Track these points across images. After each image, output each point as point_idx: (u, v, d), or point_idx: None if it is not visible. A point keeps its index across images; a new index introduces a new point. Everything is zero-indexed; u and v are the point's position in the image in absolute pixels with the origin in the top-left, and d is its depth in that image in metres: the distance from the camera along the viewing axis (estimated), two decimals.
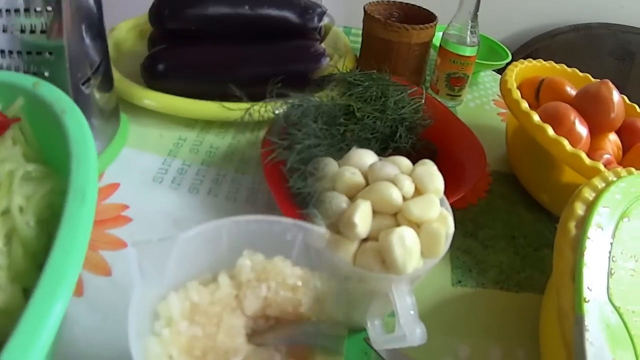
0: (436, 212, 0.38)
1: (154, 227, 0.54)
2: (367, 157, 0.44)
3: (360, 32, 0.92)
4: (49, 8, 0.50)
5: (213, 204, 0.58)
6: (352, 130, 0.58)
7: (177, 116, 0.69)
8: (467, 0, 0.84)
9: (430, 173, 0.40)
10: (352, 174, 0.40)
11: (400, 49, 0.87)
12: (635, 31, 2.02)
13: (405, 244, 0.34)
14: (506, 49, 1.08)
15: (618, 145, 0.68)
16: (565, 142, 0.57)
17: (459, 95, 0.93)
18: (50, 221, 0.34)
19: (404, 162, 0.43)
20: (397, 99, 0.65)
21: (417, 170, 0.41)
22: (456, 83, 0.91)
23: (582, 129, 0.64)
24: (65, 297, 0.25)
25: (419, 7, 0.95)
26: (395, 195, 0.37)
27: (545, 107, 0.67)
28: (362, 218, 0.35)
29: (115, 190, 0.57)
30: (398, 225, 0.36)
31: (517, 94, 0.66)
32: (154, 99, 0.68)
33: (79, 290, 0.45)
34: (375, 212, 0.37)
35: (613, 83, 0.69)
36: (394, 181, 0.38)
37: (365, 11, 0.90)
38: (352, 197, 0.39)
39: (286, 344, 0.31)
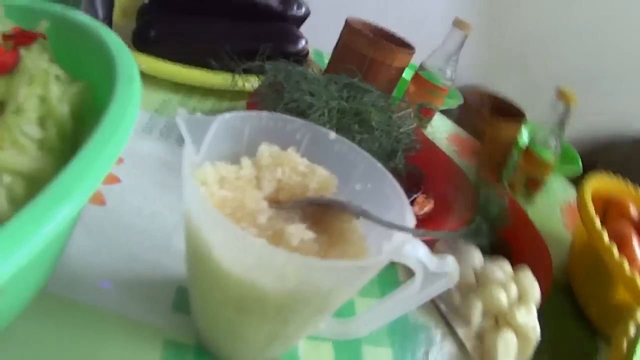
0: (535, 320, 0.45)
1: (145, 166, 0.57)
2: (476, 256, 0.55)
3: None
4: None
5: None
6: (365, 140, 0.60)
7: (163, 80, 0.73)
8: (454, 36, 0.90)
9: (532, 280, 0.50)
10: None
11: (379, 68, 0.87)
12: None
13: (509, 348, 0.42)
14: (576, 155, 1.11)
15: None
16: (626, 265, 0.58)
17: (425, 127, 0.96)
18: (82, 118, 0.38)
19: (507, 266, 0.54)
20: (401, 115, 0.69)
21: (520, 276, 0.51)
22: (426, 114, 0.94)
23: None
24: (106, 164, 0.28)
25: (392, 33, 0.97)
26: (503, 299, 0.46)
27: (613, 227, 0.69)
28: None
29: None
30: (497, 322, 0.46)
31: (592, 211, 0.66)
32: (143, 62, 0.72)
33: None
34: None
35: None
36: (504, 286, 0.46)
37: (348, 24, 0.90)
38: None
39: (304, 206, 0.36)
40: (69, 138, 0.37)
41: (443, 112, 1.21)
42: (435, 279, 0.33)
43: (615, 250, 0.61)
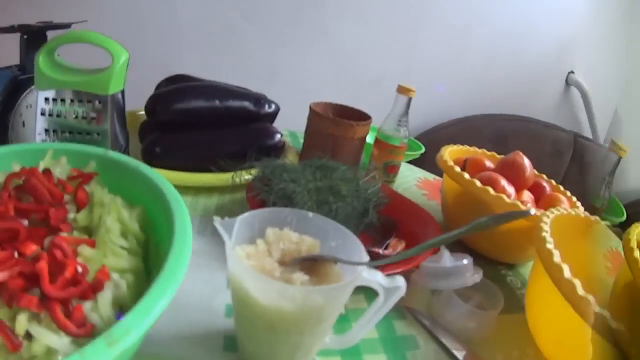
0: None
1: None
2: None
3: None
4: (98, 101, 0.76)
5: (216, 240, 0.80)
6: (341, 207, 0.78)
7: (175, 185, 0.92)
8: (400, 101, 1.06)
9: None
10: None
11: (344, 142, 1.02)
12: (507, 118, 2.49)
13: None
14: (419, 143, 1.33)
15: (532, 198, 0.94)
16: (504, 197, 0.79)
17: (393, 181, 1.14)
18: (146, 229, 0.56)
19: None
20: (367, 180, 0.88)
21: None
22: (391, 170, 1.10)
23: (510, 188, 0.89)
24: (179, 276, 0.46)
25: (351, 107, 1.13)
26: None
27: (481, 177, 0.88)
28: None
29: None
30: None
31: (452, 165, 0.90)
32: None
33: None
34: None
35: None
36: None
37: (312, 110, 1.05)
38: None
39: (300, 262, 0.55)
40: (142, 243, 0.56)
41: (410, 162, 1.40)
42: (391, 292, 0.52)
43: (490, 190, 0.80)
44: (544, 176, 1.04)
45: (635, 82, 2.74)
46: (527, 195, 0.95)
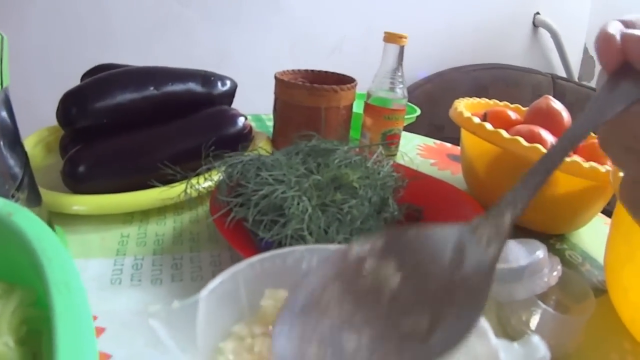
0: None
1: (130, 328, 0.49)
2: None
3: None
4: None
5: (180, 287, 0.55)
6: (354, 206, 0.54)
7: (112, 215, 0.66)
8: (390, 52, 0.84)
9: None
10: None
11: (328, 114, 0.81)
12: (482, 67, 2.39)
13: None
14: (412, 105, 1.12)
15: None
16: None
17: (395, 154, 0.91)
18: (30, 339, 0.30)
19: None
20: (375, 161, 0.63)
21: None
22: (392, 141, 0.88)
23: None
24: None
25: (325, 72, 0.93)
26: None
27: (518, 132, 0.69)
28: None
29: None
30: None
31: (481, 122, 0.68)
32: (82, 203, 0.64)
33: None
34: None
35: None
36: None
37: (279, 80, 0.84)
38: None
39: None
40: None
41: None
42: None
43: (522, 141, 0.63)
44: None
45: (601, 15, 2.64)
46: None
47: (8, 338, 0.29)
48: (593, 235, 0.75)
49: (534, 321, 0.51)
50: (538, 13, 2.62)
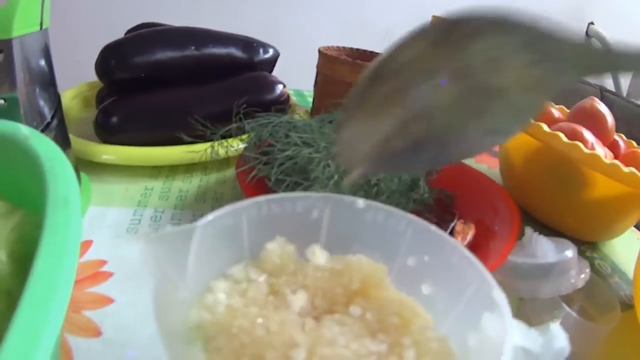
0: None
1: (139, 275, 0.48)
2: None
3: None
4: None
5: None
6: (383, 180, 0.52)
7: (140, 167, 0.65)
8: None
9: None
10: None
11: None
12: None
13: None
14: None
15: (611, 156, 0.69)
16: (602, 155, 0.56)
17: None
18: (25, 256, 0.29)
19: None
20: None
21: None
22: None
23: (600, 146, 0.65)
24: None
25: (371, 51, 0.90)
26: None
27: (560, 128, 0.64)
28: None
29: (89, 247, 0.51)
30: None
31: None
32: (111, 152, 0.63)
33: (67, 359, 0.40)
34: None
35: None
36: None
37: (323, 54, 0.82)
38: None
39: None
40: (9, 290, 0.28)
41: None
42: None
43: (582, 146, 0.58)
44: None
45: None
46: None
47: (1, 252, 0.28)
48: (625, 248, 0.71)
49: (555, 323, 0.48)
50: (592, 23, 2.54)
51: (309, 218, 0.29)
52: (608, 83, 2.64)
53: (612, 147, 0.70)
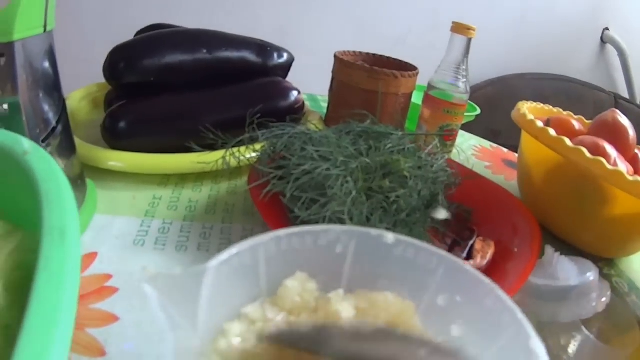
0: None
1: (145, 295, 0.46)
2: None
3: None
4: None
5: (205, 258, 0.51)
6: (402, 196, 0.49)
7: (148, 174, 0.63)
8: (457, 43, 0.78)
9: None
10: None
11: (386, 100, 0.75)
12: (546, 77, 2.33)
13: None
14: (472, 103, 1.06)
15: (632, 171, 0.67)
16: (624, 172, 0.54)
17: (450, 152, 0.85)
18: (22, 285, 0.27)
19: None
20: (429, 151, 0.59)
21: None
22: (448, 137, 0.82)
23: (621, 161, 0.64)
24: None
25: (388, 57, 0.87)
26: None
27: (581, 142, 0.62)
28: None
29: (94, 260, 0.49)
30: None
31: (545, 127, 0.63)
32: (119, 159, 0.61)
33: None
34: None
35: None
36: None
37: (339, 59, 0.79)
38: None
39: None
40: (6, 325, 0.26)
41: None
42: None
43: (605, 162, 0.56)
44: None
45: None
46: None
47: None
48: None
49: (573, 347, 0.46)
50: (607, 29, 2.50)
51: (332, 252, 0.26)
52: (622, 89, 2.63)
53: (633, 161, 0.68)
